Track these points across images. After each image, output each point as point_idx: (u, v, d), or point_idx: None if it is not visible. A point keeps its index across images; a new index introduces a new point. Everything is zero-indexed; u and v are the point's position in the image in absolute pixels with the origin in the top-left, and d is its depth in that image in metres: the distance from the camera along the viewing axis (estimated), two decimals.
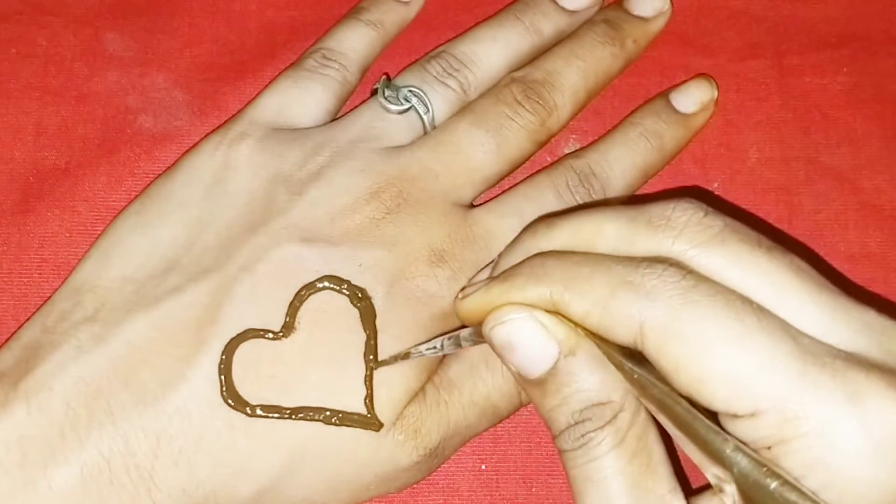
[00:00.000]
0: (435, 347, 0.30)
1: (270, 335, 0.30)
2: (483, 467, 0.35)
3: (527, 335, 0.27)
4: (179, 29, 0.40)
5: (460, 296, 0.29)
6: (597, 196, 0.35)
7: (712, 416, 0.24)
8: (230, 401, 0.29)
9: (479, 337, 0.28)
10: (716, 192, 0.38)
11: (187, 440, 0.29)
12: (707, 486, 0.26)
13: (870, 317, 0.25)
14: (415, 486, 0.33)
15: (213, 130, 0.36)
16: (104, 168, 0.37)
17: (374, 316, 0.31)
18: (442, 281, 0.32)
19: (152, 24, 0.40)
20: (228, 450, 0.29)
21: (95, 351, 0.30)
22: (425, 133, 0.35)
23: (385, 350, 0.31)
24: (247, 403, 0.29)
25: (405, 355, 0.30)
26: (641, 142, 0.37)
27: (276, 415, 0.30)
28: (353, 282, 0.31)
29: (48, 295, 0.33)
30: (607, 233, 0.27)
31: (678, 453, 0.28)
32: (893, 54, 0.40)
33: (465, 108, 0.36)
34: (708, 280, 0.25)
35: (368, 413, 0.30)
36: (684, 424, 0.24)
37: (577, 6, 0.39)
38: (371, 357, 0.30)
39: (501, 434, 0.35)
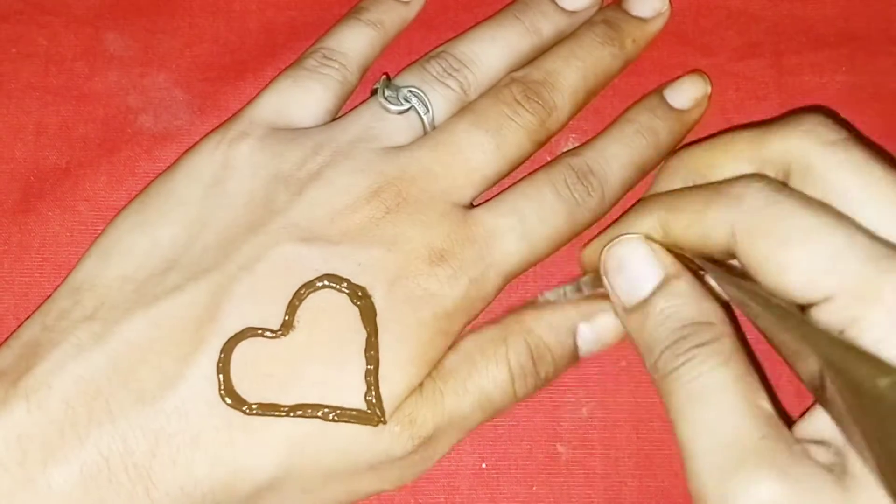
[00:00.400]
0: (560, 293, 0.34)
1: (269, 334, 0.30)
2: (484, 466, 0.35)
3: (636, 255, 0.30)
4: (180, 29, 0.40)
5: (584, 248, 0.34)
6: (595, 193, 0.35)
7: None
8: (228, 399, 0.29)
9: (597, 282, 0.31)
10: None
11: (185, 439, 0.29)
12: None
13: None
14: (415, 484, 0.34)
15: (213, 130, 0.36)
16: (105, 168, 0.38)
17: (375, 314, 0.31)
18: (443, 280, 0.32)
19: (152, 23, 0.40)
20: (226, 448, 0.29)
21: (95, 349, 0.30)
22: (425, 133, 0.35)
23: (386, 351, 0.31)
24: (245, 402, 0.30)
25: (533, 301, 0.34)
26: (638, 138, 0.37)
27: (274, 413, 0.30)
28: (352, 280, 0.31)
29: (49, 294, 0.33)
30: (743, 135, 0.31)
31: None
32: (892, 53, 0.39)
33: (464, 109, 0.36)
34: (790, 188, 0.28)
35: (368, 409, 0.30)
36: (782, 321, 0.26)
37: (576, 6, 0.39)
38: (372, 353, 0.30)
39: (502, 433, 0.35)
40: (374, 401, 0.30)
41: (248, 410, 0.29)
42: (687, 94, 0.38)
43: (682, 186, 0.32)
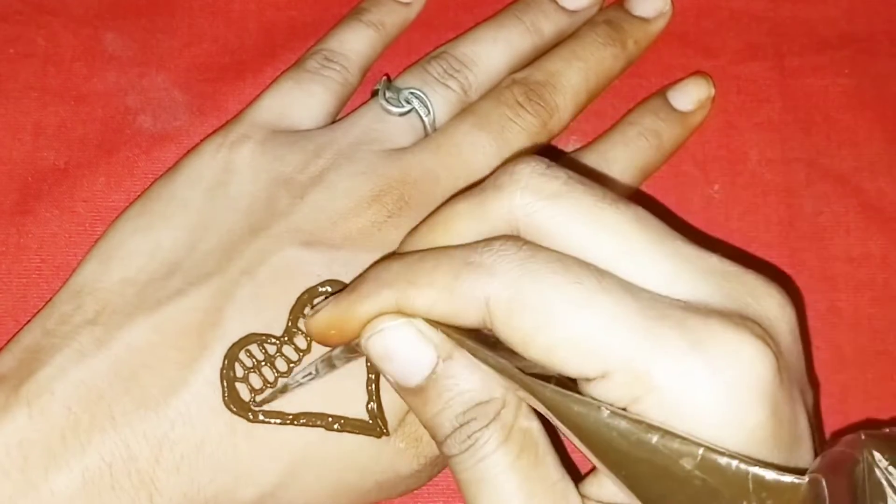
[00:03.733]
0: (311, 374, 0.30)
1: (273, 340, 0.30)
2: None
3: (403, 343, 0.26)
4: (179, 29, 0.40)
5: (309, 314, 0.29)
6: None
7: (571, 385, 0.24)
8: (232, 406, 0.29)
9: (350, 353, 0.28)
10: (716, 195, 0.38)
11: (189, 445, 0.29)
12: (593, 469, 0.26)
13: (712, 262, 0.25)
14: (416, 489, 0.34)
15: (212, 131, 0.35)
16: (103, 168, 0.37)
17: None
18: None
19: (152, 24, 0.39)
20: (230, 455, 0.29)
21: (97, 354, 0.30)
22: (426, 135, 0.35)
23: None
24: (249, 408, 0.29)
25: (283, 389, 0.30)
26: (640, 141, 0.37)
27: (277, 420, 0.29)
28: None
29: (47, 296, 0.32)
30: (460, 208, 0.27)
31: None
32: (894, 55, 0.40)
33: (466, 110, 0.35)
34: (544, 248, 0.25)
35: (370, 420, 0.30)
36: (551, 403, 0.24)
37: (577, 6, 0.38)
38: (370, 364, 0.30)
39: None
40: (375, 410, 0.30)
41: (252, 417, 0.29)
42: (690, 96, 0.38)
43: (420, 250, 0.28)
